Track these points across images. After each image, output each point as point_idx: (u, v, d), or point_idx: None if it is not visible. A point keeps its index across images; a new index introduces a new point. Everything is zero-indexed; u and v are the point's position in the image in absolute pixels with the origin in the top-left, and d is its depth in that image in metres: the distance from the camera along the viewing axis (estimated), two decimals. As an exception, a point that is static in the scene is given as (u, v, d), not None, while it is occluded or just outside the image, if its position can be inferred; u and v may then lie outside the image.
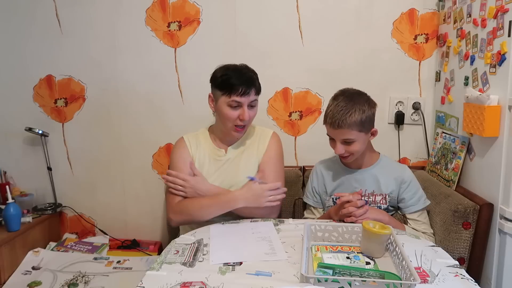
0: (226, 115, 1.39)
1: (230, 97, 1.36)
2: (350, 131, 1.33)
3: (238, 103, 1.37)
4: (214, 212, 1.36)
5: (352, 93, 1.39)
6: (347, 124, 1.32)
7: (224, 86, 1.37)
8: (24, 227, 1.78)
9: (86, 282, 1.61)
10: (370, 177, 1.46)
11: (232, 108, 1.38)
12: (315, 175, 1.57)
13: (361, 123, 1.33)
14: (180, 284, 0.95)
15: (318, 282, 0.91)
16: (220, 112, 1.42)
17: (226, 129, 1.44)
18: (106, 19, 1.91)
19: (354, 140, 1.35)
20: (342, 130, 1.34)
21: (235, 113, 1.39)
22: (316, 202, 1.56)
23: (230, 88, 1.36)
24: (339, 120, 1.32)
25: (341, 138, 1.36)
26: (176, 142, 1.56)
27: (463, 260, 1.34)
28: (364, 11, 1.84)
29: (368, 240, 1.09)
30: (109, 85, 1.96)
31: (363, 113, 1.33)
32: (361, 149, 1.40)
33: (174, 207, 1.41)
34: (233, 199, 1.35)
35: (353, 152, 1.38)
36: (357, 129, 1.33)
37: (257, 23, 1.87)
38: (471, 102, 1.38)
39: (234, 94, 1.36)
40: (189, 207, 1.39)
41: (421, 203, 1.43)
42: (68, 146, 2.03)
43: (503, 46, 1.24)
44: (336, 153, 1.41)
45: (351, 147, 1.37)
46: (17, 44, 1.95)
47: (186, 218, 1.41)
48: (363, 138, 1.38)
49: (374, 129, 1.41)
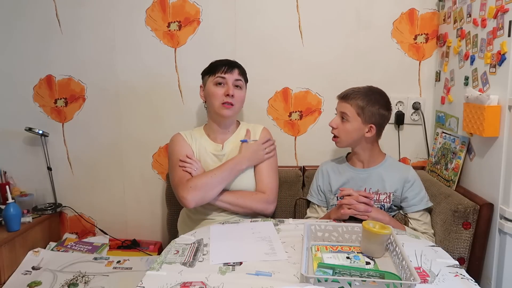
0: (213, 93, 1.49)
1: (215, 75, 1.49)
2: (349, 107, 1.43)
3: (222, 78, 1.49)
4: (225, 178, 1.43)
5: (375, 88, 1.50)
6: (350, 99, 1.43)
7: (210, 68, 1.53)
8: (24, 227, 1.78)
9: (86, 282, 1.62)
10: (375, 176, 1.48)
11: (218, 85, 1.49)
12: (321, 174, 1.59)
13: (362, 107, 1.42)
14: (180, 284, 0.95)
15: (318, 282, 0.91)
16: (208, 94, 1.52)
17: (215, 109, 1.51)
18: (106, 19, 1.90)
19: (349, 118, 1.44)
20: (344, 103, 1.45)
21: (221, 90, 1.49)
22: (320, 201, 1.57)
23: (215, 67, 1.51)
24: (346, 93, 1.46)
25: (340, 111, 1.47)
26: (172, 137, 1.57)
27: (463, 260, 1.34)
28: (364, 11, 1.84)
29: (368, 240, 1.09)
30: (109, 85, 1.96)
31: (369, 102, 1.42)
32: (350, 137, 1.46)
33: (186, 184, 1.39)
34: (238, 161, 1.47)
35: (342, 132, 1.46)
36: (356, 110, 1.43)
37: (257, 23, 1.87)
38: (471, 102, 1.38)
39: (218, 71, 1.49)
40: (203, 180, 1.40)
41: (424, 203, 1.45)
42: (68, 146, 2.03)
43: (503, 46, 1.24)
44: (329, 124, 1.50)
45: (344, 125, 1.45)
46: (17, 44, 1.94)
47: (201, 193, 1.38)
48: (358, 125, 1.43)
49: (372, 125, 1.43)
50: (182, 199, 1.39)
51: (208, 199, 1.41)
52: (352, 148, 1.53)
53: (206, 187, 1.39)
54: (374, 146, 1.50)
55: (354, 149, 1.52)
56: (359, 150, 1.50)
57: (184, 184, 1.40)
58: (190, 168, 1.44)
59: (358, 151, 1.51)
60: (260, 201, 1.47)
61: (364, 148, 1.49)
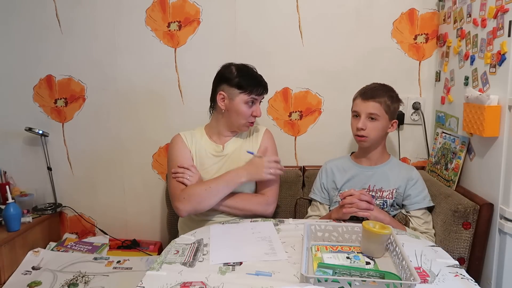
0: (243, 112, 1.47)
1: (250, 95, 1.45)
2: (378, 106, 1.42)
3: (254, 100, 1.47)
4: (221, 191, 1.39)
5: (384, 84, 1.50)
6: (378, 97, 1.42)
7: (244, 85, 1.45)
8: (24, 227, 1.78)
9: (86, 282, 1.62)
10: (380, 174, 1.49)
11: (248, 105, 1.47)
12: (324, 172, 1.60)
13: (388, 105, 1.43)
14: (180, 284, 0.95)
15: (318, 282, 0.91)
16: (235, 109, 1.47)
17: (238, 125, 1.51)
18: (106, 19, 1.91)
19: (378, 117, 1.43)
20: (371, 103, 1.42)
21: (249, 110, 1.48)
22: (323, 198, 1.58)
23: (251, 87, 1.45)
24: (372, 91, 1.44)
25: (367, 112, 1.43)
26: (172, 139, 1.56)
27: (463, 260, 1.35)
28: (364, 11, 1.84)
29: (368, 240, 1.09)
30: (109, 85, 1.96)
31: (392, 98, 1.45)
32: (378, 135, 1.46)
33: (180, 194, 1.40)
34: (237, 174, 1.41)
35: (372, 132, 1.44)
36: (384, 108, 1.43)
37: (257, 23, 1.87)
38: (471, 102, 1.38)
39: (254, 92, 1.46)
40: (197, 191, 1.39)
41: (426, 202, 1.46)
42: (68, 146, 2.03)
43: (503, 46, 1.24)
44: (358, 127, 1.44)
45: (373, 125, 1.43)
46: (17, 44, 1.95)
47: (193, 204, 1.38)
48: (385, 123, 1.45)
49: (395, 121, 1.48)
50: (175, 208, 1.42)
51: (201, 210, 1.41)
52: (371, 146, 1.50)
53: (198, 198, 1.38)
54: (385, 142, 1.53)
55: (372, 146, 1.50)
56: (374, 148, 1.50)
57: (178, 194, 1.41)
58: (183, 178, 1.43)
59: (372, 149, 1.50)
60: (260, 203, 1.46)
61: (379, 144, 1.50)
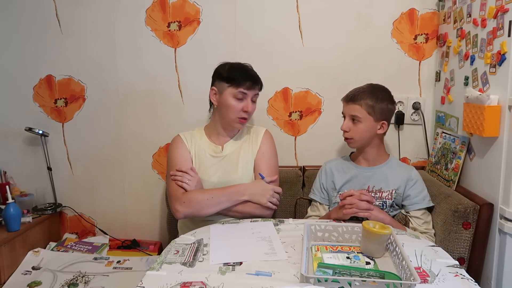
0: (231, 106, 1.45)
1: (237, 88, 1.44)
2: (359, 108, 1.43)
3: (244, 94, 1.45)
4: (222, 203, 1.40)
5: (376, 85, 1.50)
6: (358, 99, 1.43)
7: (233, 78, 1.45)
8: (24, 227, 1.78)
9: (86, 282, 1.61)
10: (379, 174, 1.49)
11: (237, 99, 1.45)
12: (324, 172, 1.60)
13: (371, 106, 1.42)
14: (180, 284, 0.95)
15: (318, 282, 0.91)
16: (224, 103, 1.46)
17: (229, 121, 1.49)
18: (106, 19, 1.90)
19: (360, 119, 1.43)
20: (352, 105, 1.44)
21: (239, 105, 1.45)
22: (323, 199, 1.58)
23: (239, 80, 1.44)
24: (353, 94, 1.45)
25: (350, 113, 1.46)
26: (172, 140, 1.56)
27: (463, 260, 1.35)
28: (364, 11, 1.84)
29: (368, 240, 1.09)
30: (109, 85, 1.96)
31: (377, 99, 1.43)
32: (363, 136, 1.46)
33: (181, 197, 1.40)
34: (240, 191, 1.42)
35: (355, 133, 1.45)
36: (366, 109, 1.43)
37: (257, 23, 1.87)
38: (471, 102, 1.38)
39: (242, 86, 1.44)
40: (199, 198, 1.39)
41: (425, 202, 1.46)
42: (68, 146, 2.03)
43: (503, 46, 1.24)
44: (341, 129, 1.48)
45: (356, 127, 1.44)
46: (17, 44, 1.94)
47: (193, 209, 1.39)
48: (370, 124, 1.44)
49: (384, 122, 1.46)
50: (173, 210, 1.42)
51: (199, 216, 1.42)
52: (363, 147, 1.52)
53: (199, 206, 1.39)
54: (381, 143, 1.52)
55: (364, 147, 1.51)
56: (369, 148, 1.50)
57: (179, 197, 1.41)
58: (182, 182, 1.43)
59: (367, 150, 1.51)
60: (259, 207, 1.44)
61: (373, 145, 1.50)
